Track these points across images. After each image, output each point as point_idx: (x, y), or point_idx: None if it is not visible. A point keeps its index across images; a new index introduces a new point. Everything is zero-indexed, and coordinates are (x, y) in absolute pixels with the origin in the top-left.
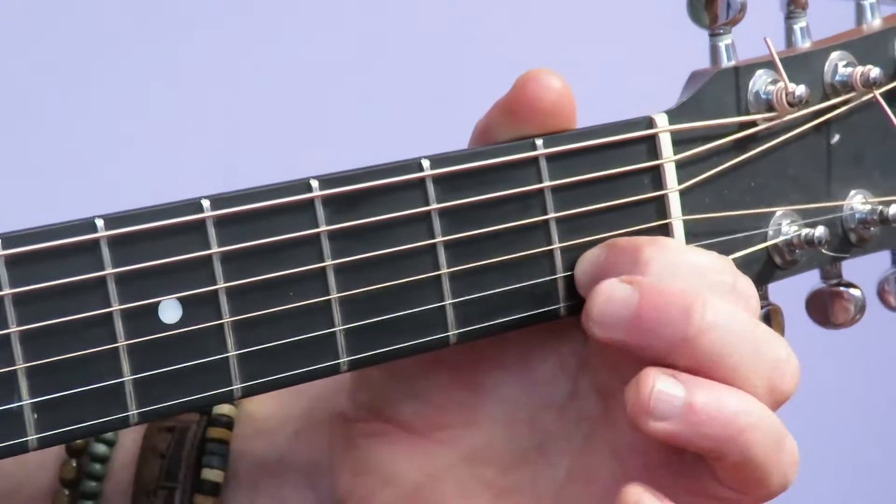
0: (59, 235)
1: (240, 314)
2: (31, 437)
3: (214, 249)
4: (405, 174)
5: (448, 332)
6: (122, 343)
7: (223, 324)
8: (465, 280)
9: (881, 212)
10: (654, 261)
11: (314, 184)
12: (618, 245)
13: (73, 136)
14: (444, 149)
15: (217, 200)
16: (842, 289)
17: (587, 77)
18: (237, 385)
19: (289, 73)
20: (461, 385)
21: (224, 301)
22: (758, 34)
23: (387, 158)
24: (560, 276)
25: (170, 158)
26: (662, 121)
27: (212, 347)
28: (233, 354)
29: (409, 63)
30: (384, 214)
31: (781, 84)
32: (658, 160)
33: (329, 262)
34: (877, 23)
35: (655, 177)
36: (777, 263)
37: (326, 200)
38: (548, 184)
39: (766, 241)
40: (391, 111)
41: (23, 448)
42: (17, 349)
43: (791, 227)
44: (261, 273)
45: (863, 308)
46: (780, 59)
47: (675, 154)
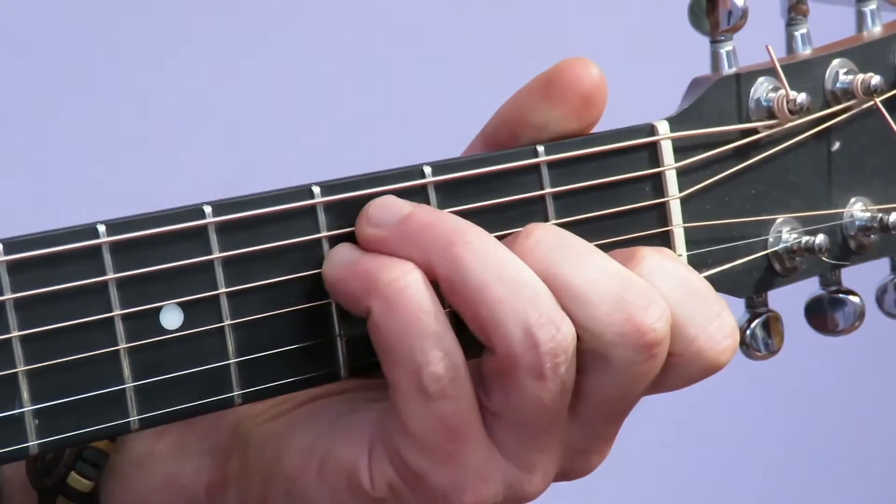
0: (61, 241)
1: (241, 318)
2: (32, 443)
3: (216, 255)
4: (408, 181)
5: None
6: (124, 347)
7: (224, 328)
8: None
9: (881, 219)
10: None
11: (316, 190)
12: None
13: (73, 140)
14: (444, 153)
15: (219, 206)
16: (841, 296)
17: None
18: (237, 392)
19: (290, 77)
20: None
21: (225, 306)
22: (759, 41)
23: (388, 163)
24: None
25: (171, 162)
26: (664, 128)
27: (213, 353)
28: (234, 361)
29: (411, 67)
30: None
31: (782, 91)
32: (659, 167)
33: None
34: (877, 30)
35: (656, 184)
36: (777, 271)
37: (328, 206)
38: (549, 190)
39: (767, 249)
40: (391, 113)
41: (23, 453)
42: (19, 354)
43: (791, 235)
44: (262, 278)
45: (862, 315)
46: (781, 67)
47: (677, 161)
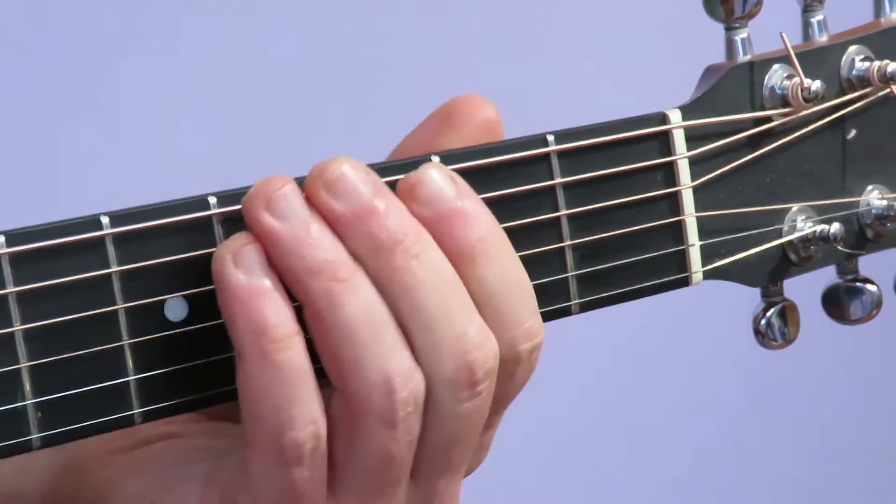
0: (64, 233)
1: None
2: (35, 436)
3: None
4: None
5: None
6: (127, 342)
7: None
8: None
9: None
10: None
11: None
12: None
13: (70, 136)
14: None
15: (223, 197)
16: (858, 284)
17: (601, 72)
18: None
19: (289, 73)
20: None
21: None
22: (774, 28)
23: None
24: (571, 274)
25: (169, 158)
26: (676, 117)
27: (218, 346)
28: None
29: (410, 63)
30: None
31: (797, 79)
32: (671, 156)
33: None
34: (895, 16)
35: (668, 173)
36: (792, 260)
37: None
38: (559, 180)
39: (781, 238)
40: (391, 111)
41: (26, 447)
42: (21, 347)
43: (806, 224)
44: None
45: (879, 304)
46: (797, 54)
47: (689, 150)
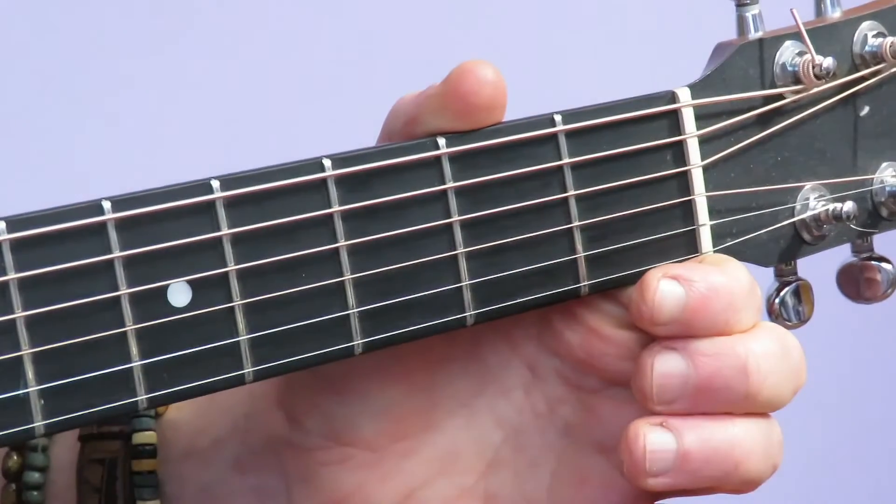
0: (66, 218)
1: (251, 297)
2: (38, 424)
3: (224, 231)
4: (420, 152)
5: (465, 314)
6: (131, 327)
7: (234, 307)
8: (483, 260)
9: None
10: None
11: (327, 163)
12: None
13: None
14: None
15: (227, 181)
16: (873, 263)
17: (610, 50)
18: (248, 369)
19: (288, 71)
20: (416, 390)
21: (234, 283)
22: (786, 4)
23: None
24: (581, 256)
25: (170, 157)
26: (685, 95)
27: (222, 331)
28: (244, 338)
29: (411, 58)
30: (399, 194)
31: (808, 56)
32: (680, 135)
33: (342, 243)
34: None
35: (678, 152)
36: (805, 239)
37: (339, 180)
38: (567, 161)
39: (794, 217)
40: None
41: (29, 434)
42: (23, 334)
43: (819, 202)
44: (272, 255)
45: (894, 282)
46: (808, 30)
47: (699, 129)
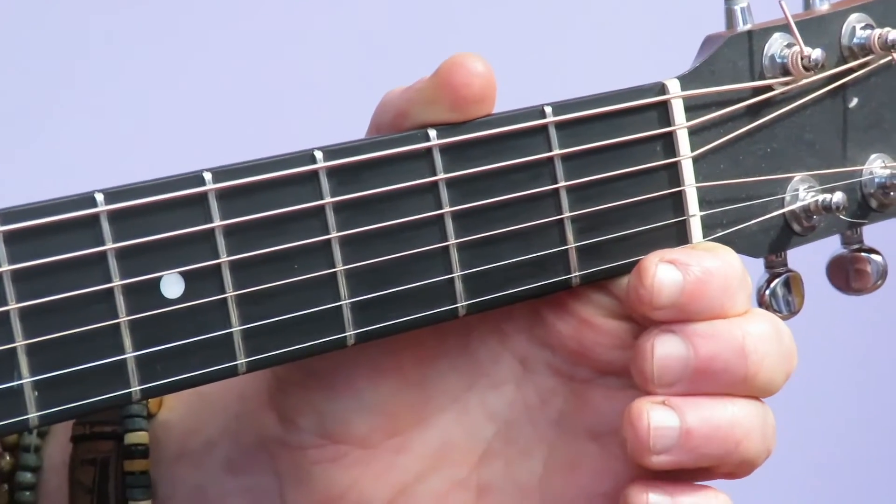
0: (59, 210)
1: (243, 288)
2: (32, 415)
3: (217, 223)
4: (411, 144)
5: (457, 304)
6: (124, 319)
7: (226, 298)
8: (474, 251)
9: None
10: None
11: (318, 155)
12: None
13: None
14: None
15: (219, 173)
16: (863, 254)
17: (600, 45)
18: (242, 360)
19: (286, 69)
20: (408, 386)
21: (227, 275)
22: None
23: None
24: (572, 246)
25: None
26: (674, 87)
27: (215, 322)
28: (237, 329)
29: (411, 54)
30: (390, 185)
31: (797, 48)
32: (670, 127)
33: (334, 234)
34: None
35: (668, 144)
36: (795, 230)
37: (331, 172)
38: (557, 152)
39: (783, 208)
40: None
41: (23, 426)
42: (17, 326)
43: (808, 193)
44: (264, 246)
45: (884, 274)
46: (797, 22)
47: (688, 120)
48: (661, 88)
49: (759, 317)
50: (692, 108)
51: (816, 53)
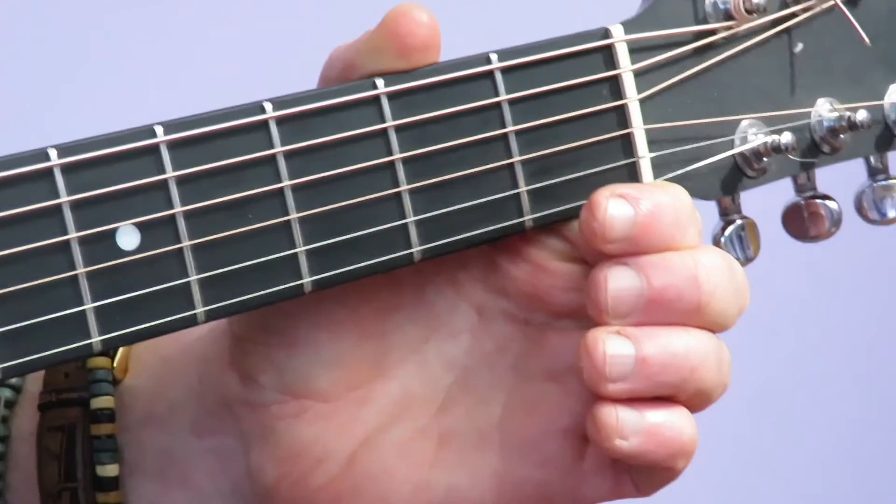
0: (12, 165)
1: (199, 237)
2: None
3: (170, 173)
4: (359, 92)
5: (412, 249)
6: (82, 270)
7: (182, 248)
8: (427, 196)
9: (849, 118)
10: None
11: (267, 106)
12: None
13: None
14: None
15: (170, 126)
16: (817, 201)
17: None
18: (200, 309)
19: (284, 67)
20: (366, 338)
21: (182, 225)
22: None
23: None
24: (523, 190)
25: None
26: (618, 31)
27: (172, 272)
28: (194, 278)
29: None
30: (340, 133)
31: None
32: (616, 70)
33: (287, 183)
34: None
35: (614, 87)
36: (746, 173)
37: (280, 121)
38: (504, 97)
39: (733, 149)
40: None
41: None
42: None
43: (757, 136)
44: (218, 196)
45: (838, 221)
46: None
47: (633, 64)
48: (605, 33)
49: (711, 250)
50: (637, 52)
51: None
